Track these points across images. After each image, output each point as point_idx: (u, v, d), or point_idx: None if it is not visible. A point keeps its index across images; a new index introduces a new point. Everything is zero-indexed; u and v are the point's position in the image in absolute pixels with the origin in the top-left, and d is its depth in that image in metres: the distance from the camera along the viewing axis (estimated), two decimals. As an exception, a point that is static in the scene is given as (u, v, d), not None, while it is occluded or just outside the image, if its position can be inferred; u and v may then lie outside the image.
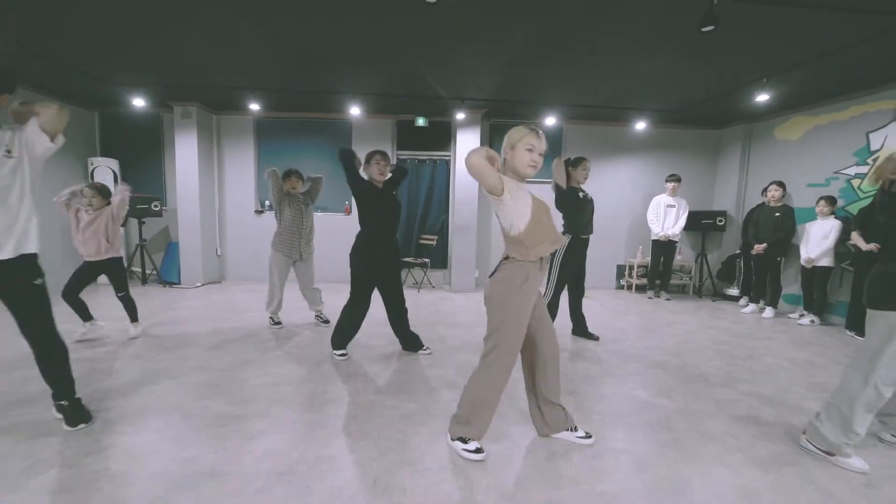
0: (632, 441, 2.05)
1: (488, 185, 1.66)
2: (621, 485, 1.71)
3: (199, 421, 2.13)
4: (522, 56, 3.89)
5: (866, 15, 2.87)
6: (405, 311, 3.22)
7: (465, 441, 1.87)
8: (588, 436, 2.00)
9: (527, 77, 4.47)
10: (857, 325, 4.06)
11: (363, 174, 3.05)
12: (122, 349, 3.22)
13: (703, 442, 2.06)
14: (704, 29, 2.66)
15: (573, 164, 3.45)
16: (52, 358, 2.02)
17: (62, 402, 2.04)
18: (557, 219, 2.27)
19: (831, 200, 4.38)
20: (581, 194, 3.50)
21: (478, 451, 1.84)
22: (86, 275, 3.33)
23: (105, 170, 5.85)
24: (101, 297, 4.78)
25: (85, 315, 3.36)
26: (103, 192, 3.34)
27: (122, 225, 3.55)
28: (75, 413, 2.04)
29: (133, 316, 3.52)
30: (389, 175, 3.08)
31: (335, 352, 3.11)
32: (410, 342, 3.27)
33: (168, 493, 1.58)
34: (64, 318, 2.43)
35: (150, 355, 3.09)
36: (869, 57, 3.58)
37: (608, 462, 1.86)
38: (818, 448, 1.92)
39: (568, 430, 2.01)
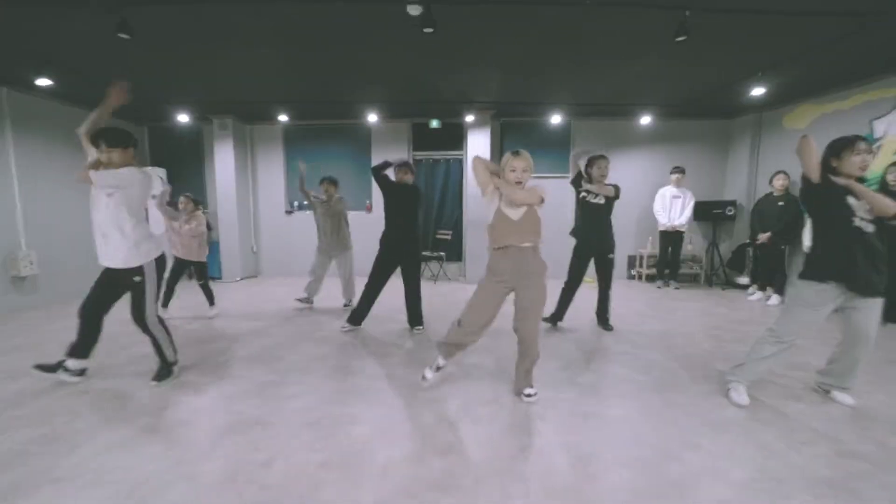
0: (602, 407, 2.38)
1: (478, 181, 2.49)
2: (583, 437, 2.06)
3: (246, 386, 2.64)
4: (520, 67, 4.23)
5: (830, 17, 3.04)
6: (418, 296, 3.77)
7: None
8: (529, 395, 2.43)
9: (528, 82, 4.77)
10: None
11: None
12: (181, 332, 3.80)
13: (664, 409, 2.36)
14: (678, 39, 2.91)
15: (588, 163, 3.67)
16: (150, 335, 2.68)
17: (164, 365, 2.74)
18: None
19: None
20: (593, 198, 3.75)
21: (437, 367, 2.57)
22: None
23: (155, 178, 6.57)
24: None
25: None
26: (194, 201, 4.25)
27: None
28: (163, 374, 2.71)
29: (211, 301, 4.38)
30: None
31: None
32: (413, 318, 3.83)
33: (226, 434, 2.07)
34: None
35: (203, 338, 3.66)
36: (863, 49, 3.66)
37: (577, 422, 2.21)
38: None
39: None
